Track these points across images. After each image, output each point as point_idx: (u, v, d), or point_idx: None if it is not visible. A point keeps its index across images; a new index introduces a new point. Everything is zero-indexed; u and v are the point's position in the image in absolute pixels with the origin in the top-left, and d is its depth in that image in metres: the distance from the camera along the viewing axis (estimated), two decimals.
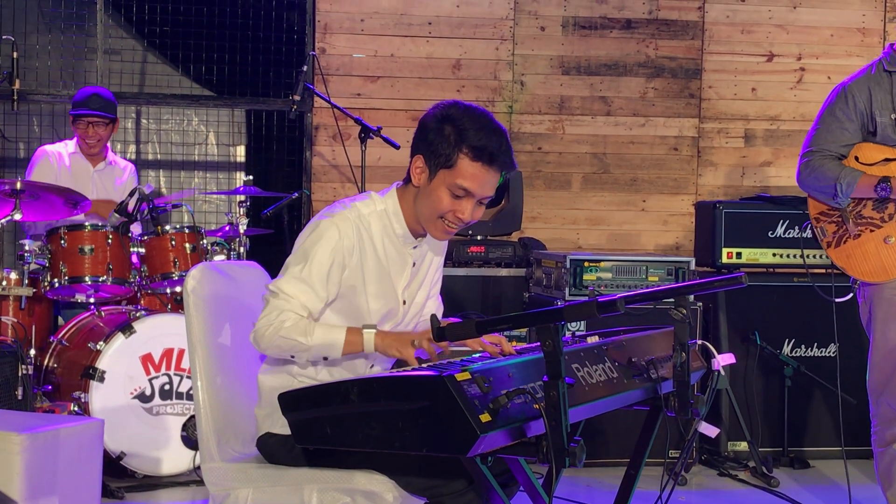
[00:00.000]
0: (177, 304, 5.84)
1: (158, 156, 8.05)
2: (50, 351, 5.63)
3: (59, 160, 6.32)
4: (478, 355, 3.26)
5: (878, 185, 4.29)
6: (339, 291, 3.22)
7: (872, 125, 4.38)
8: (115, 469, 5.30)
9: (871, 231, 4.37)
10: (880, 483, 4.52)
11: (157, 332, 5.42)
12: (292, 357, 3.16)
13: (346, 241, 3.18)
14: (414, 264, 3.36)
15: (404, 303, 3.36)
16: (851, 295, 4.58)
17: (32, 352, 5.36)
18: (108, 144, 6.49)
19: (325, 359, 3.18)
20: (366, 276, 3.24)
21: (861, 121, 4.39)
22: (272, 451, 3.25)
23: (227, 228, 6.15)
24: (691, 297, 5.82)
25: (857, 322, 4.58)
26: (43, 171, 6.20)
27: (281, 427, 3.19)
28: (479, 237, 6.69)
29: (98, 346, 5.34)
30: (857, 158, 4.41)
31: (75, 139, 6.40)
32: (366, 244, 3.23)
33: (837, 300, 4.64)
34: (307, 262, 3.15)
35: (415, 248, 3.35)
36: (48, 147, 6.40)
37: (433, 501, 3.02)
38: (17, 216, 5.31)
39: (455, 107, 3.20)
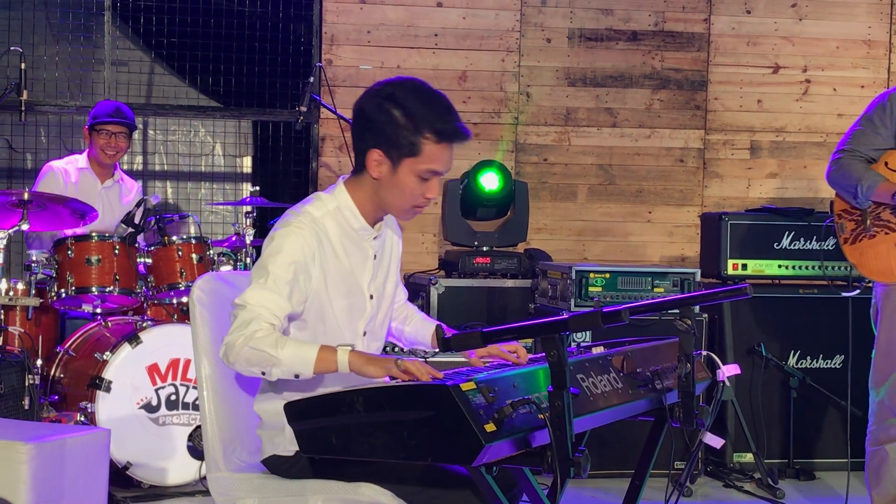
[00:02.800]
0: (183, 315, 5.85)
1: (165, 167, 8.07)
2: (56, 361, 5.64)
3: (65, 176, 6.33)
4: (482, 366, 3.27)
5: (895, 195, 4.46)
6: (307, 301, 3.14)
7: None
8: (121, 479, 5.30)
9: (886, 234, 4.54)
10: (868, 482, 4.67)
11: (164, 342, 5.43)
12: (263, 374, 3.00)
13: (307, 249, 3.09)
14: (375, 256, 3.29)
15: (371, 297, 3.28)
16: (858, 291, 4.79)
17: (39, 362, 5.38)
18: (118, 163, 6.52)
19: (297, 377, 3.00)
20: (328, 280, 3.16)
21: (894, 130, 4.56)
22: (278, 469, 3.24)
23: (233, 239, 6.17)
24: (696, 308, 5.81)
25: (865, 333, 4.64)
26: (48, 187, 6.21)
27: (284, 449, 3.18)
28: (484, 248, 6.70)
29: (104, 357, 5.35)
30: (886, 164, 4.59)
31: (86, 154, 6.41)
32: (325, 248, 3.15)
33: (846, 294, 4.82)
34: (268, 273, 3.04)
35: (375, 238, 3.28)
36: (55, 163, 6.42)
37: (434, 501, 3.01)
38: (25, 227, 5.33)
39: (390, 86, 3.11)
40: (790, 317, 6.15)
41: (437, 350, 3.55)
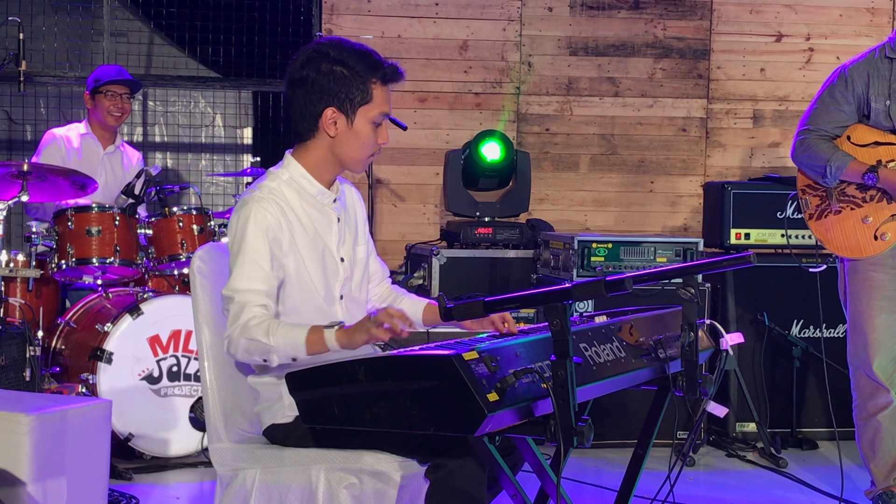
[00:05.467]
0: (184, 286, 5.84)
1: (165, 138, 8.05)
2: (57, 333, 5.63)
3: (67, 143, 6.31)
4: (485, 335, 3.25)
5: (866, 174, 4.49)
6: (285, 270, 3.19)
7: (867, 109, 4.57)
8: (123, 450, 5.31)
9: (852, 209, 4.59)
10: (863, 455, 4.76)
11: (165, 313, 5.43)
12: (265, 361, 3.09)
13: (271, 219, 3.15)
14: (339, 220, 3.34)
15: (342, 260, 3.33)
16: (825, 267, 4.85)
17: (40, 333, 5.36)
18: (118, 131, 6.50)
19: (294, 360, 3.07)
20: (298, 245, 3.21)
21: (857, 104, 4.59)
22: (278, 438, 3.25)
23: None
24: (699, 277, 5.82)
25: None
26: (51, 155, 6.20)
27: (282, 417, 3.20)
28: (486, 219, 6.67)
29: (106, 328, 5.34)
30: (849, 138, 4.62)
31: (85, 121, 6.39)
32: (289, 216, 3.21)
33: (812, 270, 4.87)
34: (244, 251, 3.11)
35: (335, 200, 3.34)
36: (56, 130, 6.40)
37: (436, 463, 2.99)
38: (24, 198, 5.31)
39: (319, 47, 3.24)
40: (793, 286, 6.13)
41: (427, 328, 3.57)
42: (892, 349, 4.57)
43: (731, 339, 3.38)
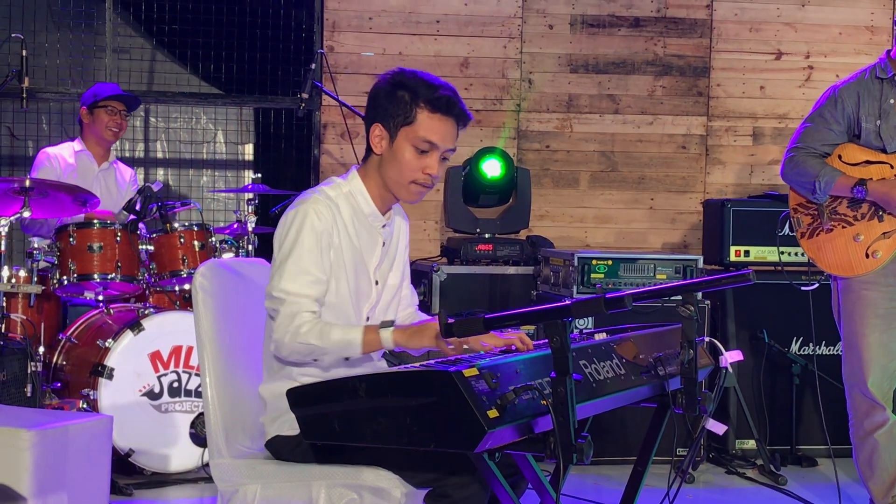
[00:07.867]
0: (185, 302, 5.85)
1: (167, 154, 8.06)
2: (59, 348, 5.64)
3: (61, 161, 6.33)
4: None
5: (855, 188, 4.52)
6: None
7: (858, 129, 4.60)
8: (123, 466, 5.31)
9: (843, 227, 4.60)
10: (861, 474, 4.77)
11: (166, 329, 5.43)
12: (315, 361, 3.16)
13: (325, 222, 3.19)
14: (384, 244, 3.38)
15: (377, 283, 3.36)
16: (818, 285, 4.89)
17: (41, 349, 5.37)
18: (112, 148, 6.52)
19: (347, 359, 3.17)
20: (344, 256, 3.25)
21: (847, 124, 4.62)
22: (281, 450, 3.26)
23: (235, 226, 6.16)
24: (699, 295, 5.81)
25: None
26: (45, 174, 6.20)
27: (288, 429, 3.20)
28: (486, 235, 6.69)
29: (107, 344, 5.35)
30: (840, 157, 4.64)
31: (79, 138, 6.41)
32: (339, 225, 3.24)
33: (804, 288, 4.90)
34: (297, 252, 3.15)
35: (384, 226, 3.37)
36: (49, 149, 6.41)
37: (438, 491, 3.01)
38: (26, 214, 5.33)
39: (402, 73, 3.26)
40: (792, 303, 6.14)
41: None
42: (887, 367, 4.57)
43: (731, 357, 3.39)
